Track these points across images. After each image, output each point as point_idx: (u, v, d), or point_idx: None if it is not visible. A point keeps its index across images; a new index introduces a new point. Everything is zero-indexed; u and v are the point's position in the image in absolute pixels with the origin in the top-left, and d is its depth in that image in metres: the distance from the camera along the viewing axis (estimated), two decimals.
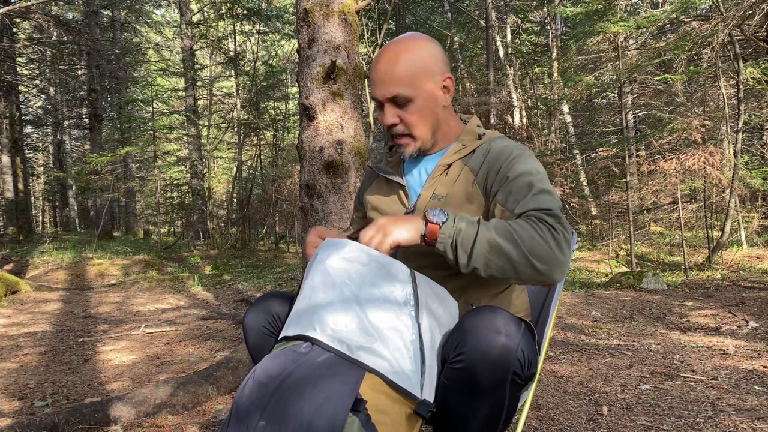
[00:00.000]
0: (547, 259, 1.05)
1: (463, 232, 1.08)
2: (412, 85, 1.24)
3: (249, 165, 16.29)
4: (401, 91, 1.24)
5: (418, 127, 1.28)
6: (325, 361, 1.01)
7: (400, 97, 1.24)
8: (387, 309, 1.07)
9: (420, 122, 1.27)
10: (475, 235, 1.07)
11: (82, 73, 16.79)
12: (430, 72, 1.26)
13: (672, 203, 9.69)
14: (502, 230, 1.07)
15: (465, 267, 1.08)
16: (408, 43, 1.26)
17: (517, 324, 1.05)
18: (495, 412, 1.06)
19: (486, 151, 1.29)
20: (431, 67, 1.26)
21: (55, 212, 27.01)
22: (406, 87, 1.24)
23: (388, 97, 1.25)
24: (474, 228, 1.08)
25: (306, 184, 3.01)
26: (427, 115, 1.28)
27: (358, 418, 0.94)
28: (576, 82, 9.96)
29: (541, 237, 1.06)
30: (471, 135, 1.33)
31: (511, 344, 1.01)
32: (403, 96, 1.24)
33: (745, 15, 7.33)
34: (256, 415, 0.95)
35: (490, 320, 1.03)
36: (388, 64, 1.24)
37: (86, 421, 2.05)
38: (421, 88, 1.25)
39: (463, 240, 1.08)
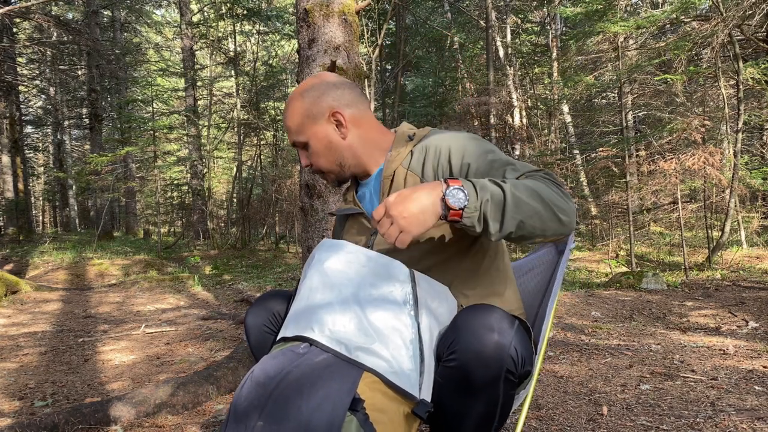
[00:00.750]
0: (566, 209, 1.08)
1: (491, 203, 1.04)
2: (302, 133, 1.34)
3: (249, 165, 16.29)
4: (297, 139, 1.35)
5: (322, 165, 1.36)
6: (323, 361, 1.01)
7: (298, 143, 1.36)
8: (386, 309, 1.07)
9: (322, 160, 1.36)
10: (503, 202, 1.04)
11: (82, 73, 16.80)
12: (312, 117, 1.33)
13: (672, 203, 9.69)
14: (523, 189, 1.06)
15: (495, 234, 1.05)
16: (296, 92, 1.35)
17: (511, 321, 1.05)
18: (490, 410, 1.06)
19: (424, 150, 1.30)
20: (312, 112, 1.32)
21: (55, 212, 27.02)
22: (298, 135, 1.34)
23: (293, 141, 1.36)
24: (500, 194, 1.04)
25: (306, 184, 3.01)
26: (324, 154, 1.35)
27: (356, 418, 0.94)
28: (576, 82, 9.96)
29: (553, 190, 1.09)
30: (401, 140, 1.36)
31: (504, 342, 1.01)
32: (300, 142, 1.35)
33: (745, 15, 7.33)
34: (255, 416, 0.96)
35: (484, 318, 1.03)
36: (285, 118, 1.36)
37: (86, 421, 2.06)
38: (310, 133, 1.34)
39: (493, 210, 1.04)
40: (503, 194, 1.04)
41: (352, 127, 1.34)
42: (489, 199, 1.03)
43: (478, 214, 1.03)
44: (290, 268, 9.04)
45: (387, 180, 1.31)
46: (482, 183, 1.06)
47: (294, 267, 9.12)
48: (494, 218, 1.04)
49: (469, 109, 12.16)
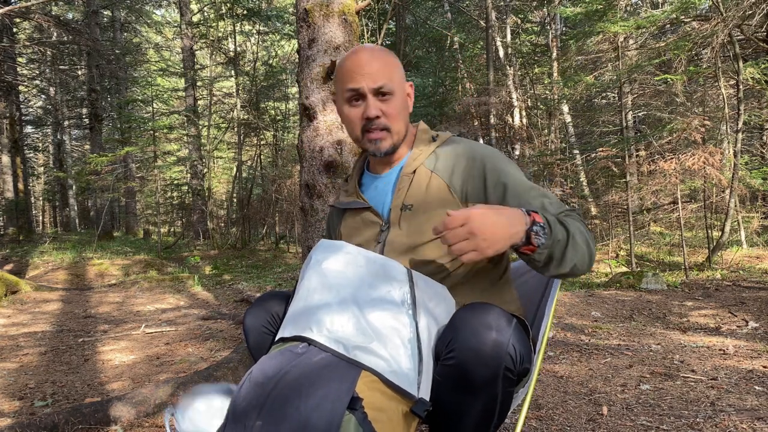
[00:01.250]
0: (594, 254, 1.18)
1: (559, 245, 1.11)
2: (392, 80, 1.27)
3: (249, 165, 16.29)
4: (386, 83, 1.26)
5: (397, 120, 1.29)
6: (321, 360, 1.01)
7: (384, 88, 1.25)
8: (384, 309, 1.07)
9: (399, 116, 1.29)
10: (566, 245, 1.11)
11: (82, 73, 16.79)
12: (401, 75, 1.31)
13: (672, 203, 9.69)
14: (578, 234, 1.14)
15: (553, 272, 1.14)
16: (377, 47, 1.30)
17: (508, 319, 1.05)
18: (488, 408, 1.06)
19: (453, 156, 1.30)
20: (402, 72, 1.32)
21: (55, 212, 27.02)
22: (389, 80, 1.26)
23: (373, 87, 1.25)
24: (565, 238, 1.11)
25: (306, 184, 3.01)
26: (403, 111, 1.30)
27: (355, 417, 0.94)
28: (576, 82, 9.96)
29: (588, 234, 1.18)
30: (424, 138, 1.35)
31: (502, 340, 1.01)
32: (387, 88, 1.26)
33: (745, 15, 7.33)
34: (253, 415, 0.96)
35: (482, 316, 1.03)
36: (372, 57, 1.26)
37: (86, 421, 2.06)
38: (399, 85, 1.29)
39: (558, 251, 1.11)
40: (567, 238, 1.11)
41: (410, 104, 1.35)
42: (559, 241, 1.10)
43: (548, 251, 1.09)
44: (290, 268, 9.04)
45: (407, 177, 1.30)
46: (553, 221, 1.11)
47: (294, 267, 9.13)
48: (558, 258, 1.11)
49: (469, 109, 12.15)
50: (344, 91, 1.28)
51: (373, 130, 1.28)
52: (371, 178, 1.39)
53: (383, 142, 1.29)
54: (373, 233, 1.32)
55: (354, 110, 1.29)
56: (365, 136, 1.29)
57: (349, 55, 1.29)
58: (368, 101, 1.26)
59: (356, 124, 1.29)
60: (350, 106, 1.29)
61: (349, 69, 1.27)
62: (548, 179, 10.03)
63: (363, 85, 1.25)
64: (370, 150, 1.31)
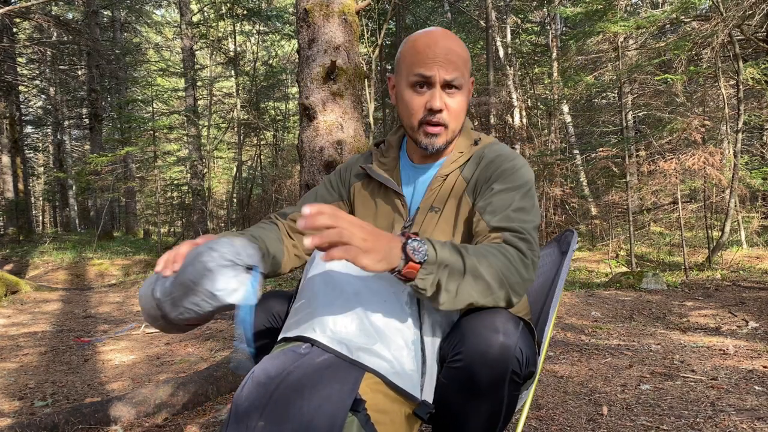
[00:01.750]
0: (519, 290, 1.06)
1: (449, 269, 0.97)
2: (464, 75, 1.19)
3: (249, 165, 16.29)
4: (458, 77, 1.17)
5: (458, 118, 1.21)
6: (324, 361, 1.01)
7: (456, 82, 1.17)
8: (388, 310, 1.06)
9: (460, 114, 1.22)
10: (462, 274, 0.99)
11: (82, 73, 16.79)
12: (470, 69, 1.23)
13: (672, 203, 9.69)
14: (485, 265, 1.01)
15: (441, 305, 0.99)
16: (452, 35, 1.21)
17: (516, 323, 1.04)
18: (494, 411, 1.05)
19: (479, 159, 1.26)
20: (470, 66, 1.23)
21: (55, 212, 27.02)
22: (461, 75, 1.18)
23: (446, 78, 1.16)
24: (460, 264, 0.99)
25: (306, 184, 3.00)
26: (464, 109, 1.23)
27: (358, 418, 0.94)
28: (576, 82, 9.96)
29: (515, 267, 1.05)
30: (467, 141, 1.30)
31: (509, 343, 1.00)
32: (458, 82, 1.17)
33: (745, 15, 7.33)
34: (255, 416, 0.95)
35: (489, 319, 1.03)
36: (449, 45, 1.16)
37: (86, 421, 2.06)
38: (467, 81, 1.22)
39: (449, 280, 0.98)
40: (463, 267, 0.99)
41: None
42: (447, 266, 0.97)
43: (433, 277, 0.96)
44: None
45: (440, 179, 1.26)
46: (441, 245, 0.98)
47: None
48: (448, 290, 0.98)
49: (469, 109, 12.16)
50: (411, 74, 1.18)
51: (433, 124, 1.20)
52: (410, 167, 1.32)
53: (439, 138, 1.21)
54: (398, 225, 1.28)
55: (418, 97, 1.19)
56: (422, 127, 1.21)
57: (424, 35, 1.19)
58: (436, 91, 1.17)
59: (416, 112, 1.20)
60: (414, 91, 1.20)
61: (423, 51, 1.17)
62: (548, 179, 10.03)
63: (435, 73, 1.16)
64: (422, 143, 1.23)
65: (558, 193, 9.79)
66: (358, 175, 1.38)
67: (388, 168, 1.34)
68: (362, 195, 1.36)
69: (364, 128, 3.19)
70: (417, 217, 1.26)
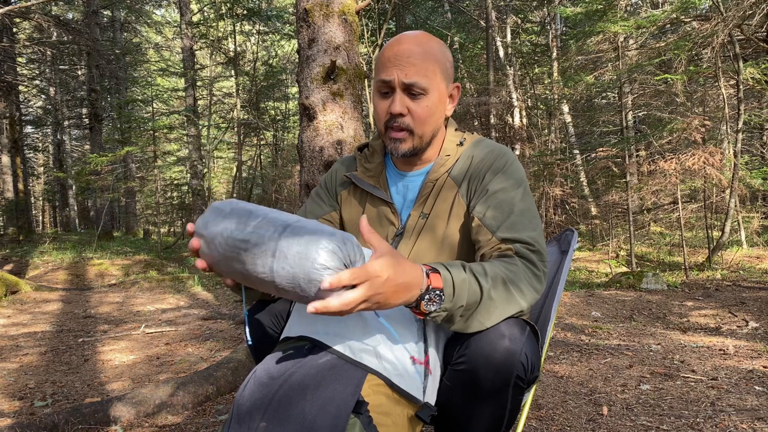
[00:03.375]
0: (533, 301, 1.08)
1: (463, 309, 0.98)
2: (429, 78, 1.17)
3: (249, 165, 16.29)
4: (420, 80, 1.15)
5: (424, 123, 1.19)
6: (327, 362, 1.00)
7: (417, 86, 1.15)
8: (391, 311, 1.06)
9: (427, 120, 1.19)
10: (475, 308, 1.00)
11: (82, 73, 16.78)
12: (445, 73, 1.21)
13: (672, 203, 9.69)
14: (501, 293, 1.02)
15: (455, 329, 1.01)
16: (428, 37, 1.20)
17: (522, 327, 1.04)
18: (497, 416, 1.05)
19: (468, 160, 1.25)
20: (447, 70, 1.21)
21: (55, 212, 27.01)
22: (425, 77, 1.16)
23: (405, 82, 1.15)
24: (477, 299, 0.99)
25: (306, 184, 3.00)
26: (433, 114, 1.19)
27: (360, 420, 0.94)
28: (576, 82, 9.96)
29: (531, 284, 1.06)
30: (452, 143, 1.28)
31: (515, 348, 0.99)
32: (420, 86, 1.15)
33: (745, 15, 7.33)
34: (258, 416, 0.95)
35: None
36: (411, 50, 1.15)
37: (86, 421, 2.05)
38: (437, 85, 1.19)
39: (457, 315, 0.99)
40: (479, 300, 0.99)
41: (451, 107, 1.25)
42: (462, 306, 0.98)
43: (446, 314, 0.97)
44: None
45: (431, 184, 1.24)
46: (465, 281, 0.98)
47: None
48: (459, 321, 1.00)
49: (469, 109, 12.16)
50: (377, 80, 1.20)
51: (394, 128, 1.19)
52: (396, 173, 1.31)
53: (403, 143, 1.20)
54: (388, 234, 1.27)
55: (382, 102, 1.20)
56: (387, 132, 1.21)
57: (391, 42, 1.19)
58: (396, 95, 1.17)
59: (381, 117, 1.21)
60: (380, 97, 1.20)
61: (386, 57, 1.18)
62: (548, 179, 10.03)
63: (394, 77, 1.16)
64: (389, 148, 1.23)
65: (558, 193, 9.79)
66: (344, 183, 1.37)
67: (374, 174, 1.31)
68: (349, 203, 1.34)
69: (364, 128, 3.20)
70: (408, 223, 1.25)
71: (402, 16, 13.49)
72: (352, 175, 1.33)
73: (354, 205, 1.33)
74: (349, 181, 1.36)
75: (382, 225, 1.28)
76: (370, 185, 1.30)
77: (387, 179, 1.31)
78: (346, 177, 1.35)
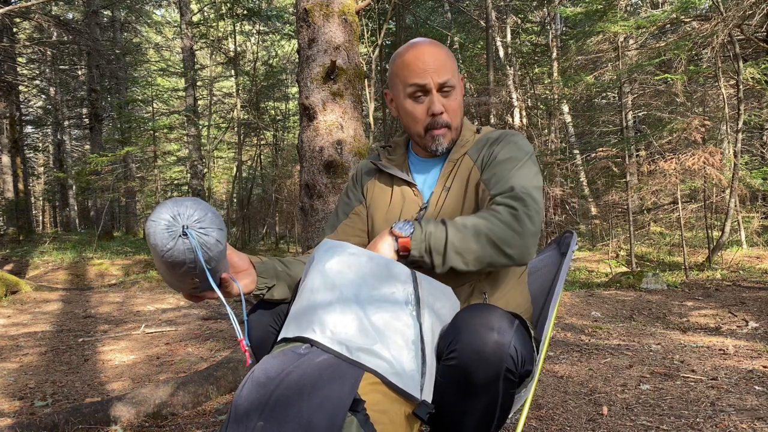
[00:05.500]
0: (515, 245, 1.13)
1: (433, 236, 1.14)
2: (455, 74, 1.28)
3: (249, 165, 16.29)
4: (450, 78, 1.26)
5: (457, 116, 1.30)
6: (323, 361, 1.01)
7: (448, 83, 1.26)
8: (387, 310, 1.06)
9: (458, 112, 1.30)
10: (445, 237, 1.13)
11: (82, 73, 16.79)
12: (457, 67, 1.32)
13: (672, 203, 9.69)
14: (469, 225, 1.14)
15: (440, 267, 1.14)
16: (433, 41, 1.30)
17: (510, 320, 1.05)
18: (489, 409, 1.06)
19: (485, 140, 1.34)
20: (456, 64, 1.32)
21: (55, 212, 27.02)
22: (452, 75, 1.27)
23: (439, 82, 1.25)
24: (442, 231, 1.14)
25: (306, 184, 3.01)
26: (461, 105, 1.31)
27: (357, 418, 0.94)
28: (576, 82, 9.96)
29: (503, 223, 1.14)
30: (470, 132, 1.38)
31: (503, 341, 1.01)
32: (451, 83, 1.27)
33: (745, 15, 7.33)
34: (255, 416, 0.95)
35: (483, 317, 1.03)
36: (434, 52, 1.26)
37: (86, 421, 2.06)
38: (458, 78, 1.30)
39: (435, 243, 1.13)
40: (445, 232, 1.14)
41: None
42: (432, 233, 1.13)
43: (425, 245, 1.13)
44: None
45: (452, 163, 1.33)
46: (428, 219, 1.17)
47: None
48: (437, 252, 1.13)
49: (469, 109, 12.16)
50: (407, 85, 1.27)
51: (438, 127, 1.28)
52: (418, 161, 1.40)
53: (444, 138, 1.30)
54: (413, 211, 1.34)
55: (418, 106, 1.28)
56: (428, 133, 1.30)
57: (408, 48, 1.28)
58: (433, 97, 1.26)
59: (420, 120, 1.29)
60: (414, 101, 1.28)
61: (413, 63, 1.26)
62: (548, 179, 10.03)
63: (429, 80, 1.25)
64: (431, 147, 1.31)
65: (558, 193, 9.79)
66: (369, 172, 1.46)
67: (397, 163, 1.41)
68: (375, 189, 1.42)
69: (364, 128, 3.20)
70: (431, 199, 1.33)
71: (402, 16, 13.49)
72: (377, 162, 1.43)
73: (379, 190, 1.42)
74: (374, 169, 1.44)
75: (407, 204, 1.36)
76: (393, 169, 1.39)
77: (410, 166, 1.40)
78: (373, 164, 1.44)
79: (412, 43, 1.30)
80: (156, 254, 1.02)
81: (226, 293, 1.19)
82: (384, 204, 1.39)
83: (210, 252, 1.03)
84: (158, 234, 0.99)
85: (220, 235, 1.05)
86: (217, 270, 1.10)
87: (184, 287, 1.11)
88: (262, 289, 1.26)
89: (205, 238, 1.02)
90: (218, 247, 1.05)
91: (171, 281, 1.10)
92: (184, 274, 1.04)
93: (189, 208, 1.03)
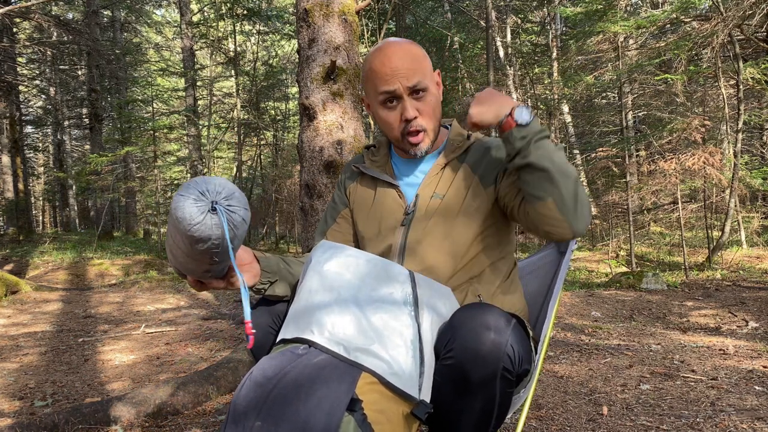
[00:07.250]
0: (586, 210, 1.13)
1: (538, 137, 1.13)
2: (425, 76, 1.24)
3: (249, 165, 16.29)
4: (421, 80, 1.22)
5: (432, 118, 1.27)
6: (321, 361, 1.01)
7: (419, 86, 1.22)
8: (386, 310, 1.06)
9: (433, 114, 1.27)
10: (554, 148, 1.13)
11: (82, 73, 16.79)
12: (430, 66, 1.28)
13: (672, 203, 9.69)
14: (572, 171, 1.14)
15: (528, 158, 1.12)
16: (403, 41, 1.27)
17: (507, 320, 1.05)
18: (486, 409, 1.06)
19: (484, 149, 1.32)
20: (430, 63, 1.28)
21: (55, 212, 27.02)
22: (422, 77, 1.23)
23: (409, 86, 1.22)
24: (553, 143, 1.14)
25: (306, 184, 3.01)
26: (436, 107, 1.28)
27: (354, 418, 0.94)
28: (576, 82, 9.96)
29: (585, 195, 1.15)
30: (459, 136, 1.36)
31: (500, 340, 1.01)
32: (422, 86, 1.23)
33: (745, 15, 7.33)
34: (253, 416, 0.95)
35: (480, 316, 1.03)
36: (402, 55, 1.22)
37: (86, 421, 2.06)
38: (431, 79, 1.26)
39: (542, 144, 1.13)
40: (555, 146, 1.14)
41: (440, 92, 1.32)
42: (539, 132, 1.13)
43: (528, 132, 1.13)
44: None
45: (438, 167, 1.31)
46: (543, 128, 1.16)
47: None
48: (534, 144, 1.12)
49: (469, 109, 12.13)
50: (378, 93, 1.24)
51: (411, 133, 1.26)
52: (401, 162, 1.37)
53: (422, 143, 1.27)
54: (399, 214, 1.32)
55: (391, 113, 1.26)
56: (405, 138, 1.27)
57: (376, 54, 1.25)
58: (405, 102, 1.23)
59: (395, 126, 1.27)
60: (386, 108, 1.26)
61: (380, 69, 1.23)
62: None
63: (398, 86, 1.22)
64: (410, 152, 1.29)
65: None
66: (351, 175, 1.44)
67: (380, 164, 1.39)
68: (357, 192, 1.41)
69: (364, 128, 3.20)
70: (419, 203, 1.30)
71: (402, 16, 13.49)
72: (359, 165, 1.41)
73: (362, 193, 1.40)
74: (357, 172, 1.43)
75: (390, 206, 1.34)
76: (375, 171, 1.37)
77: (393, 167, 1.38)
78: (355, 168, 1.43)
79: (378, 47, 1.26)
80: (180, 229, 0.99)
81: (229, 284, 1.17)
82: (366, 206, 1.38)
83: (236, 230, 1.03)
84: (187, 208, 0.98)
85: (246, 215, 1.04)
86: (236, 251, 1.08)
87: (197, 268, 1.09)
88: (265, 283, 1.24)
89: (232, 216, 1.01)
90: (243, 226, 1.04)
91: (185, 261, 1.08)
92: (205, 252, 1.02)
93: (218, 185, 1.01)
